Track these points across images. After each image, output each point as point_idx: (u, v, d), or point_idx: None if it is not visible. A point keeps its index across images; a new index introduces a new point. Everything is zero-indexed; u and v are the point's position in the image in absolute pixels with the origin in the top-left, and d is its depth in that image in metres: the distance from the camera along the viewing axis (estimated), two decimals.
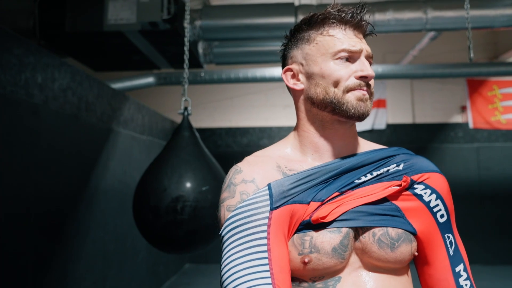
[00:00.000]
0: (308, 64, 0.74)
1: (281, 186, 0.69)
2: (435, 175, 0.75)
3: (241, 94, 6.75)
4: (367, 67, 0.72)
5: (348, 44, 0.72)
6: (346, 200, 0.70)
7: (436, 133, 5.91)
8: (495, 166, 5.70)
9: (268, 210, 0.66)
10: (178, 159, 1.54)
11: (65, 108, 2.53)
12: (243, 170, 0.72)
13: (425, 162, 0.77)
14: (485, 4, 2.83)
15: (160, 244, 1.60)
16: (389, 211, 0.71)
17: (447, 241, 0.74)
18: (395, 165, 0.75)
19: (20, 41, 2.10)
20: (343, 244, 0.67)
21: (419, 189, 0.73)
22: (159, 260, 4.40)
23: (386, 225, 0.69)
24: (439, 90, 6.72)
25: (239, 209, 0.67)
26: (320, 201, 0.69)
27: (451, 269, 0.73)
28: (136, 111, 3.82)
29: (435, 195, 0.73)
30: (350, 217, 0.69)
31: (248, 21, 2.88)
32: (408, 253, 0.70)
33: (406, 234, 0.70)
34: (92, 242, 2.85)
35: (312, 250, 0.66)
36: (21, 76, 2.09)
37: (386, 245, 0.68)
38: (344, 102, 0.71)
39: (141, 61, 3.36)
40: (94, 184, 2.91)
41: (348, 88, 0.71)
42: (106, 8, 2.69)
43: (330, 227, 0.68)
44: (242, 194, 0.69)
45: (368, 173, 0.73)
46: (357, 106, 0.71)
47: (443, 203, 0.74)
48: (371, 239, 0.69)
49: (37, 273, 2.18)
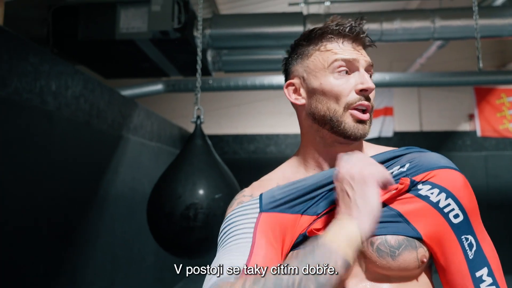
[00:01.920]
0: (308, 79, 0.74)
1: (271, 192, 0.73)
2: (444, 171, 0.69)
3: (249, 102, 6.79)
4: (367, 79, 0.71)
5: (344, 54, 0.72)
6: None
7: (444, 141, 5.89)
8: (504, 175, 5.66)
9: (257, 212, 0.70)
10: (191, 167, 1.57)
11: (77, 115, 2.57)
12: (245, 190, 0.78)
13: (434, 158, 0.71)
14: (493, 13, 2.84)
15: (173, 250, 1.62)
16: (388, 218, 0.67)
17: (464, 244, 0.66)
18: (399, 166, 0.72)
19: (36, 49, 2.15)
20: None
21: (424, 190, 0.68)
22: (166, 266, 4.42)
23: (383, 233, 0.66)
24: (446, 98, 6.71)
25: (232, 213, 0.73)
26: (316, 214, 0.69)
27: (469, 274, 0.65)
28: (145, 118, 3.86)
29: (445, 193, 0.67)
30: None
31: (257, 30, 2.92)
32: (413, 260, 0.65)
33: (409, 240, 0.66)
34: (100, 247, 2.88)
35: None
36: (36, 84, 2.14)
37: (386, 254, 0.65)
38: (342, 121, 0.70)
39: (151, 69, 3.41)
40: (104, 190, 2.95)
41: (348, 104, 0.70)
42: (118, 17, 2.74)
43: None
44: (238, 204, 0.75)
45: None
46: (355, 128, 0.70)
47: (456, 202, 0.67)
48: (370, 248, 0.66)
49: (47, 278, 2.21)
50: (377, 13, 2.94)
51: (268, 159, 6.04)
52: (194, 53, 2.54)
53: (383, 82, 4.19)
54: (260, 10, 5.36)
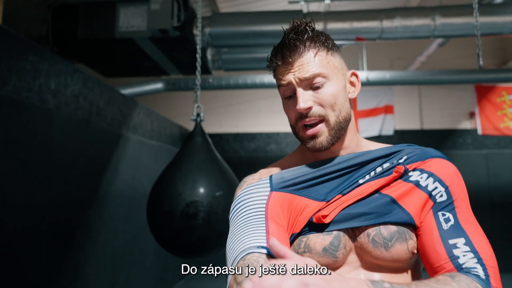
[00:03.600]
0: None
1: (281, 174, 0.79)
2: (435, 160, 0.76)
3: (249, 100, 6.78)
4: (298, 100, 0.74)
5: (280, 79, 0.77)
6: (345, 200, 0.75)
7: (445, 139, 5.88)
8: (505, 173, 5.64)
9: (268, 191, 0.75)
10: (191, 164, 1.57)
11: (77, 113, 2.57)
12: (254, 175, 0.84)
13: (430, 151, 0.78)
14: (494, 11, 2.83)
15: (173, 248, 1.61)
16: (381, 204, 0.73)
17: (440, 217, 0.70)
18: (398, 159, 0.78)
19: (35, 48, 2.15)
20: (333, 245, 0.72)
21: (415, 176, 0.75)
22: (167, 265, 4.42)
23: (378, 222, 0.71)
24: (447, 96, 6.69)
25: (243, 192, 0.77)
26: (325, 201, 0.75)
27: (441, 240, 0.67)
28: (145, 117, 3.86)
29: (432, 178, 0.73)
30: (343, 218, 0.73)
31: (256, 28, 2.91)
32: (403, 251, 0.70)
33: (399, 232, 0.71)
34: (101, 247, 2.88)
35: (306, 250, 0.72)
36: (35, 82, 2.14)
37: (380, 245, 0.71)
38: (301, 138, 0.79)
39: (150, 67, 3.41)
40: (104, 189, 2.94)
41: (297, 121, 0.77)
42: (118, 16, 2.74)
43: (327, 229, 0.73)
44: (248, 185, 0.80)
45: (372, 170, 0.77)
46: (311, 144, 0.77)
47: (443, 185, 0.73)
48: (366, 239, 0.72)
49: (48, 278, 2.21)
50: (377, 11, 2.93)
51: (269, 157, 6.03)
52: (194, 52, 2.53)
53: (383, 80, 4.18)
54: (260, 8, 5.35)
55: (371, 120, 5.38)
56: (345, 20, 2.90)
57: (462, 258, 0.65)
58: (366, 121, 5.39)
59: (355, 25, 2.87)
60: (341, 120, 0.76)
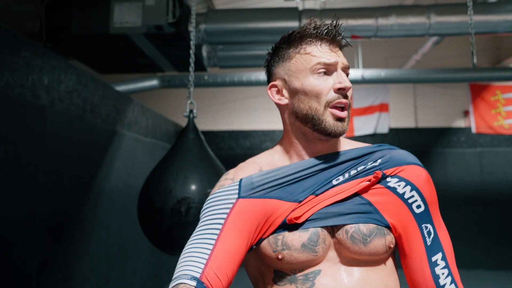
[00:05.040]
0: (290, 80, 0.79)
1: (250, 178, 0.77)
2: (411, 167, 0.77)
3: (244, 97, 6.77)
4: (344, 78, 0.77)
5: (323, 58, 0.77)
6: (319, 200, 0.75)
7: (439, 138, 5.91)
8: (498, 171, 5.69)
9: (235, 198, 0.75)
10: (183, 161, 1.56)
11: (70, 109, 2.55)
12: (229, 172, 0.83)
13: (404, 155, 0.79)
14: (488, 10, 2.84)
15: (164, 246, 1.61)
16: (360, 207, 0.74)
17: (424, 231, 0.75)
18: (373, 161, 0.78)
19: (27, 43, 2.13)
20: (311, 240, 0.73)
21: (393, 182, 0.76)
22: (162, 262, 4.41)
23: (356, 222, 0.73)
24: (442, 94, 6.72)
25: (211, 197, 0.78)
26: (298, 202, 0.75)
27: (427, 259, 0.75)
28: (140, 114, 3.84)
29: (410, 186, 0.75)
30: (320, 217, 0.74)
31: (252, 25, 2.90)
32: (382, 246, 0.73)
33: (379, 229, 0.74)
34: (95, 244, 2.87)
35: (284, 248, 0.73)
36: (28, 78, 2.12)
37: (358, 241, 0.72)
38: (323, 120, 0.76)
39: (145, 64, 3.39)
40: (98, 185, 2.93)
41: (328, 102, 0.76)
42: (112, 11, 2.72)
43: (302, 227, 0.73)
44: (219, 187, 0.79)
45: (345, 172, 0.78)
46: (334, 126, 0.76)
47: (419, 194, 0.76)
48: (344, 235, 0.73)
49: (41, 274, 2.20)
50: (372, 8, 2.93)
51: None
52: (189, 48, 2.52)
53: (378, 79, 4.19)
54: (256, 5, 5.33)
55: (366, 118, 5.40)
56: (340, 17, 2.89)
57: (442, 279, 0.74)
58: (361, 119, 5.40)
59: (350, 23, 2.87)
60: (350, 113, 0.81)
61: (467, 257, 5.24)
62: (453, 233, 0.99)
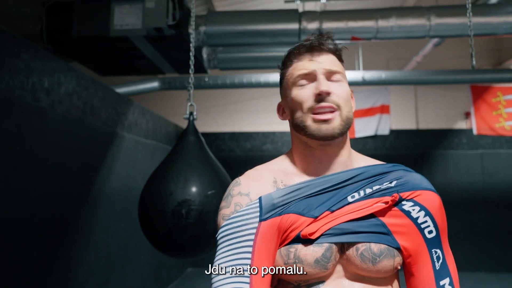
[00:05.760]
0: (285, 97, 0.86)
1: (271, 199, 0.77)
2: (426, 192, 0.79)
3: (245, 99, 6.77)
4: (321, 83, 0.78)
5: (302, 69, 0.81)
6: (335, 216, 0.75)
7: (440, 139, 5.90)
8: (499, 173, 5.67)
9: (257, 221, 0.74)
10: (184, 163, 1.56)
11: (70, 112, 2.55)
12: (242, 183, 0.81)
13: (418, 180, 0.81)
14: (488, 11, 2.84)
15: (165, 248, 1.60)
16: (374, 228, 0.75)
17: (433, 256, 0.77)
18: (388, 182, 0.80)
19: (28, 46, 2.13)
20: (325, 256, 0.73)
21: (407, 206, 0.77)
22: (162, 264, 4.41)
23: (368, 241, 0.74)
24: (443, 96, 6.72)
25: (231, 218, 0.75)
26: (313, 217, 0.75)
27: (435, 282, 0.77)
28: (140, 116, 3.84)
29: (424, 212, 0.77)
30: (335, 233, 0.74)
31: (252, 27, 2.90)
32: (390, 267, 0.75)
33: (389, 249, 0.75)
34: (95, 245, 2.86)
35: (296, 261, 0.73)
36: (28, 81, 2.12)
37: (368, 259, 0.74)
38: (306, 125, 0.79)
39: (146, 66, 3.39)
40: (98, 187, 2.93)
41: (309, 109, 0.79)
42: (112, 14, 2.72)
43: (316, 241, 0.74)
44: (236, 205, 0.77)
45: (361, 189, 0.79)
46: (317, 129, 0.77)
47: (432, 220, 0.78)
48: (354, 253, 0.74)
49: (41, 275, 2.20)
50: (372, 10, 2.93)
51: (265, 157, 6.02)
52: (189, 51, 2.52)
53: (379, 80, 4.18)
54: (256, 7, 5.34)
55: (367, 120, 5.39)
56: (340, 19, 2.89)
57: None
58: (362, 121, 5.39)
59: (351, 25, 2.87)
60: (349, 117, 0.80)
61: (469, 259, 5.22)
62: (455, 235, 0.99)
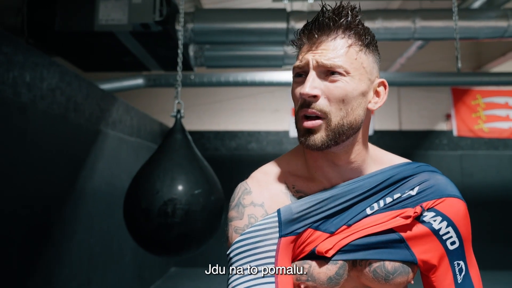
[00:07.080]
0: None
1: (290, 213, 0.69)
2: (450, 200, 0.72)
3: (231, 98, 6.75)
4: (306, 84, 0.66)
5: (298, 59, 0.70)
6: (352, 231, 0.70)
7: (422, 140, 6.02)
8: (478, 173, 5.83)
9: (277, 237, 0.68)
10: (170, 162, 1.54)
11: (53, 108, 2.49)
12: (253, 191, 0.73)
13: (444, 185, 0.74)
14: (470, 16, 2.90)
15: (150, 246, 1.58)
16: (391, 243, 0.70)
17: (455, 268, 0.72)
18: (409, 189, 0.73)
19: (9, 39, 2.07)
20: (338, 274, 0.70)
21: (428, 217, 0.71)
22: (145, 263, 4.36)
23: (383, 258, 0.70)
24: (425, 98, 6.85)
25: (247, 233, 0.68)
26: (330, 233, 0.70)
27: None
28: (124, 113, 3.78)
29: (446, 222, 0.71)
30: (350, 249, 0.70)
31: (240, 25, 2.89)
32: (402, 283, 0.71)
33: (404, 267, 0.70)
34: (78, 245, 2.81)
35: (309, 279, 0.69)
36: (9, 75, 2.06)
37: (381, 277, 0.70)
38: (298, 128, 0.70)
39: (131, 63, 3.34)
40: (81, 185, 2.87)
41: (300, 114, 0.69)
42: (97, 8, 2.66)
43: (331, 259, 0.70)
44: (250, 218, 0.70)
45: (381, 199, 0.72)
46: (303, 136, 0.69)
47: (455, 230, 0.72)
48: (367, 268, 0.71)
49: (22, 275, 2.14)
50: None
51: (250, 156, 6.03)
52: (176, 48, 2.49)
53: None
54: (244, 6, 5.33)
55: None
56: None
57: None
58: None
59: None
60: (344, 124, 0.67)
61: None
62: None
